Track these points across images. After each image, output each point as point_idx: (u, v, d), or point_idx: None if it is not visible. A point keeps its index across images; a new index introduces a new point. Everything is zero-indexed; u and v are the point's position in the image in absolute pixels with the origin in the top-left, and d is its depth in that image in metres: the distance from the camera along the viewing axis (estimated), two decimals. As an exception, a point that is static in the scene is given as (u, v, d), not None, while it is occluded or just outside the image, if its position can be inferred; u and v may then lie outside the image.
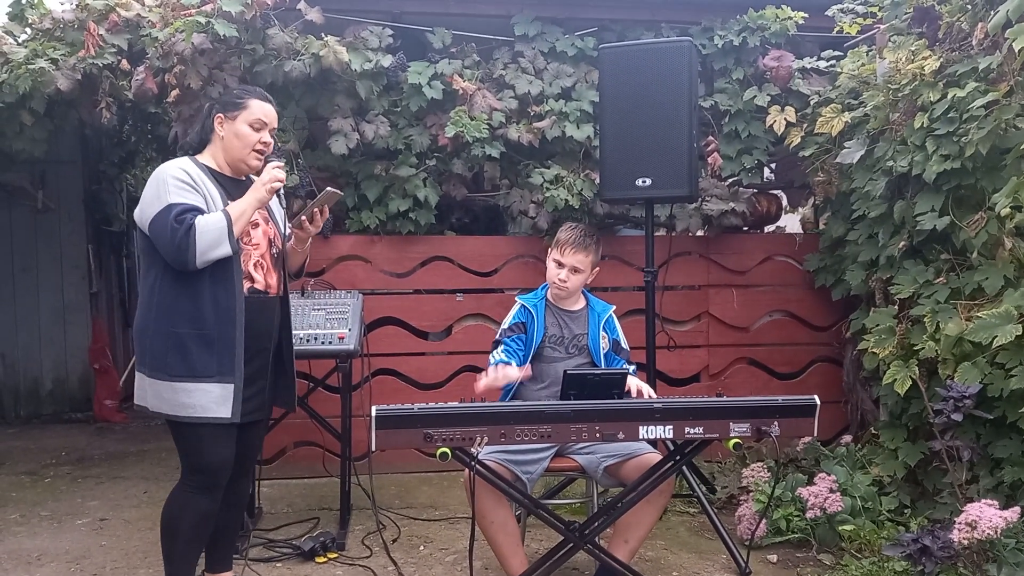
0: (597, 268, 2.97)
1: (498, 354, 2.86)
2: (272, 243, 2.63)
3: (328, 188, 2.62)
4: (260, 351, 2.57)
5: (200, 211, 2.40)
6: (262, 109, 2.56)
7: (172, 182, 2.41)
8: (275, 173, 2.49)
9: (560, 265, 2.89)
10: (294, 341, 2.85)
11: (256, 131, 2.54)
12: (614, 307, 3.06)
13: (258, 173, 2.56)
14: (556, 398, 2.63)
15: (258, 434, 2.77)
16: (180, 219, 2.35)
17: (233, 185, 2.56)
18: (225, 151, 2.56)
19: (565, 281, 2.89)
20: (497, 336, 2.97)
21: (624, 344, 3.02)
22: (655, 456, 2.66)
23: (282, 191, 2.55)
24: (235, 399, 2.45)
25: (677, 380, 4.48)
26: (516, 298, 3.04)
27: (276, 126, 2.63)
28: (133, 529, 3.55)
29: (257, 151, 2.55)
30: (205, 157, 2.58)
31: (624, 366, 2.92)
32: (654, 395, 2.72)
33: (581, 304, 3.01)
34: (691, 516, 3.70)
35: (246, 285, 2.51)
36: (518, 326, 2.94)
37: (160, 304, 2.44)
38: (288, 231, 2.67)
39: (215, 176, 2.53)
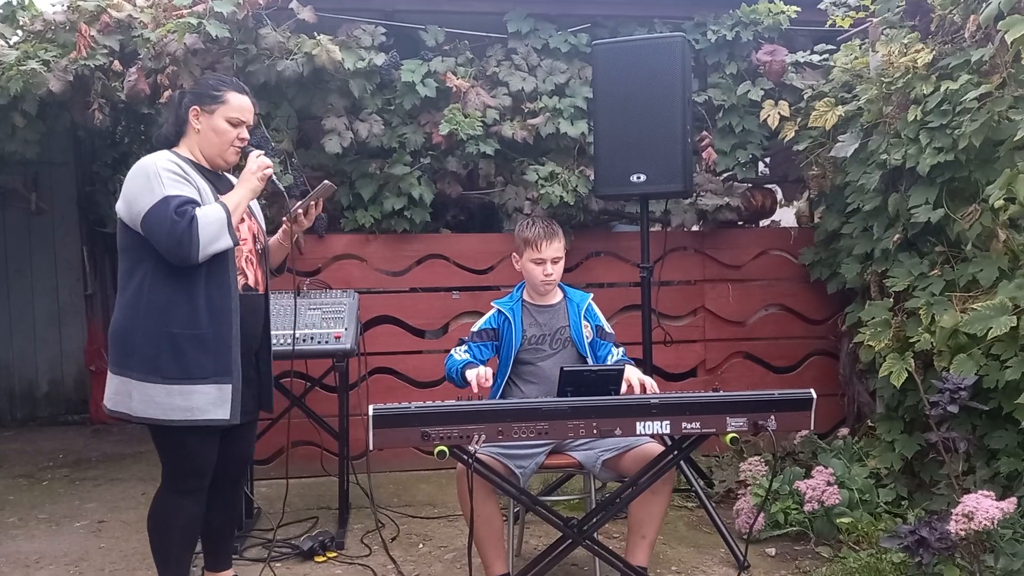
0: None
1: (462, 352, 2.85)
2: (256, 239, 2.58)
3: (325, 181, 2.61)
4: (248, 351, 2.52)
5: (198, 204, 2.33)
6: (240, 104, 2.48)
7: (165, 174, 2.32)
8: (263, 160, 2.45)
9: (540, 262, 2.85)
10: (290, 341, 2.84)
11: (234, 127, 2.47)
12: (592, 295, 3.03)
13: (237, 166, 2.51)
14: (551, 397, 2.61)
15: (251, 434, 2.73)
16: (181, 211, 2.27)
17: (216, 178, 2.50)
18: (201, 145, 2.48)
19: (551, 275, 2.87)
20: (466, 337, 2.94)
21: (608, 328, 2.99)
22: (653, 445, 2.65)
23: (275, 178, 2.50)
24: (233, 399, 2.40)
25: (673, 375, 4.49)
26: (492, 303, 3.00)
27: (252, 121, 2.55)
28: (131, 531, 3.55)
29: (236, 147, 2.49)
30: (183, 150, 2.49)
31: (612, 351, 2.91)
32: (655, 386, 2.67)
33: (558, 297, 2.98)
34: (689, 510, 3.71)
35: (240, 282, 2.46)
36: (488, 332, 2.92)
37: (151, 304, 2.35)
38: (284, 224, 2.64)
39: (198, 169, 2.47)
